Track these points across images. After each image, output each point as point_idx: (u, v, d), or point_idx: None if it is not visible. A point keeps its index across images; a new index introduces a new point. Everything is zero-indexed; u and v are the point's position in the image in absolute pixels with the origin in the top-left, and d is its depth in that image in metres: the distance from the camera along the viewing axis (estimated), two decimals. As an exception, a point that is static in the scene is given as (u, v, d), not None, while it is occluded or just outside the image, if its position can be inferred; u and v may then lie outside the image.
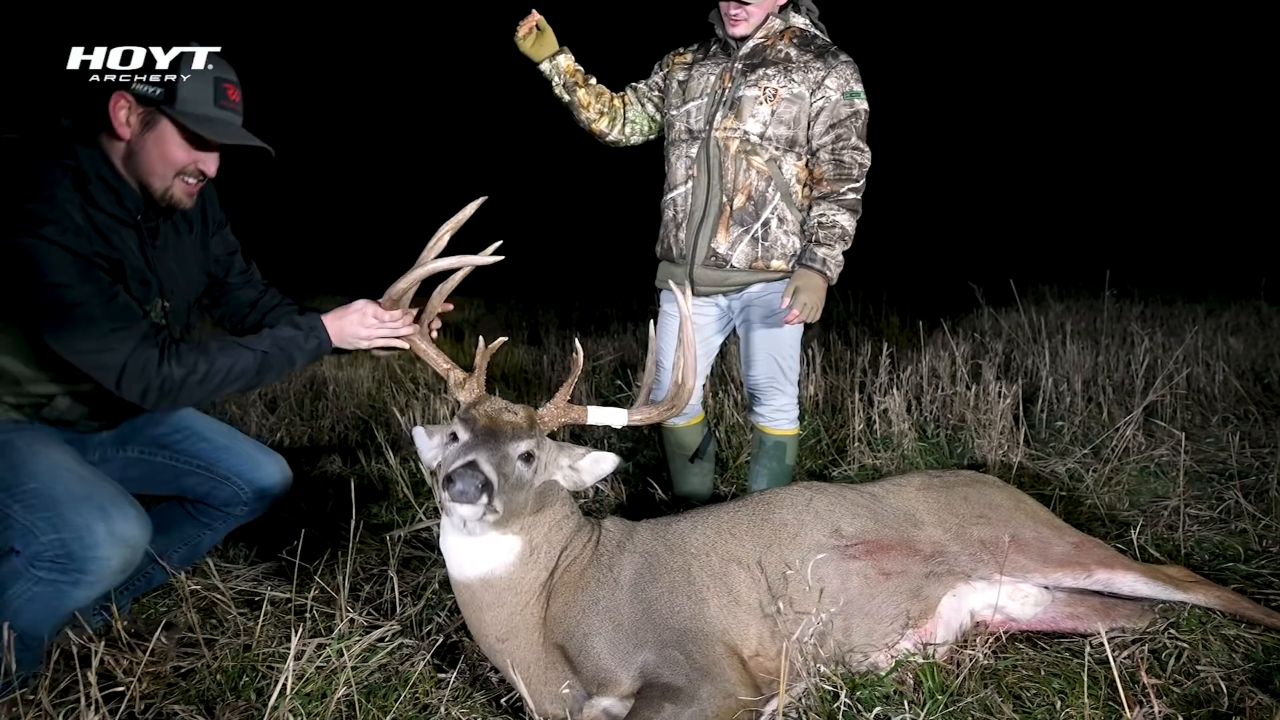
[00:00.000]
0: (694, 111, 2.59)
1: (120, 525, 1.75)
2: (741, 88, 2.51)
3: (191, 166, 1.86)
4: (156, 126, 1.81)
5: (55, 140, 1.80)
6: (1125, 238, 12.02)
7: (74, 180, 1.76)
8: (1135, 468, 3.10)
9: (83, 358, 1.72)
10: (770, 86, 2.49)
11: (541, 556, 1.70)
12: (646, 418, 1.84)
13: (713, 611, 1.74)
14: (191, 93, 1.80)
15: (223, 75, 1.86)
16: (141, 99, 1.79)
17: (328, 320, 1.97)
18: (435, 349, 1.91)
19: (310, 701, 1.66)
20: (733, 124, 2.51)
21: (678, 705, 1.55)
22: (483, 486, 1.50)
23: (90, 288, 1.69)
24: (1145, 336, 4.39)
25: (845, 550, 1.89)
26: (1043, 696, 1.72)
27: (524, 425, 1.66)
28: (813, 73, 2.49)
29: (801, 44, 2.54)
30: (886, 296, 7.28)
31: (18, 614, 1.73)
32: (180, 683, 1.83)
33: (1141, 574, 1.96)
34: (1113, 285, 5.18)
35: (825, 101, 2.50)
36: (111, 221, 1.81)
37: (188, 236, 2.08)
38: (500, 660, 1.71)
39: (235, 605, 2.10)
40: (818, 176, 2.53)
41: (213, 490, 2.16)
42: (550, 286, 10.18)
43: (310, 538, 2.26)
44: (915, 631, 1.84)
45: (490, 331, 7.14)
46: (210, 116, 1.83)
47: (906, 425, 3.44)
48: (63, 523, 1.71)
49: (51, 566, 1.71)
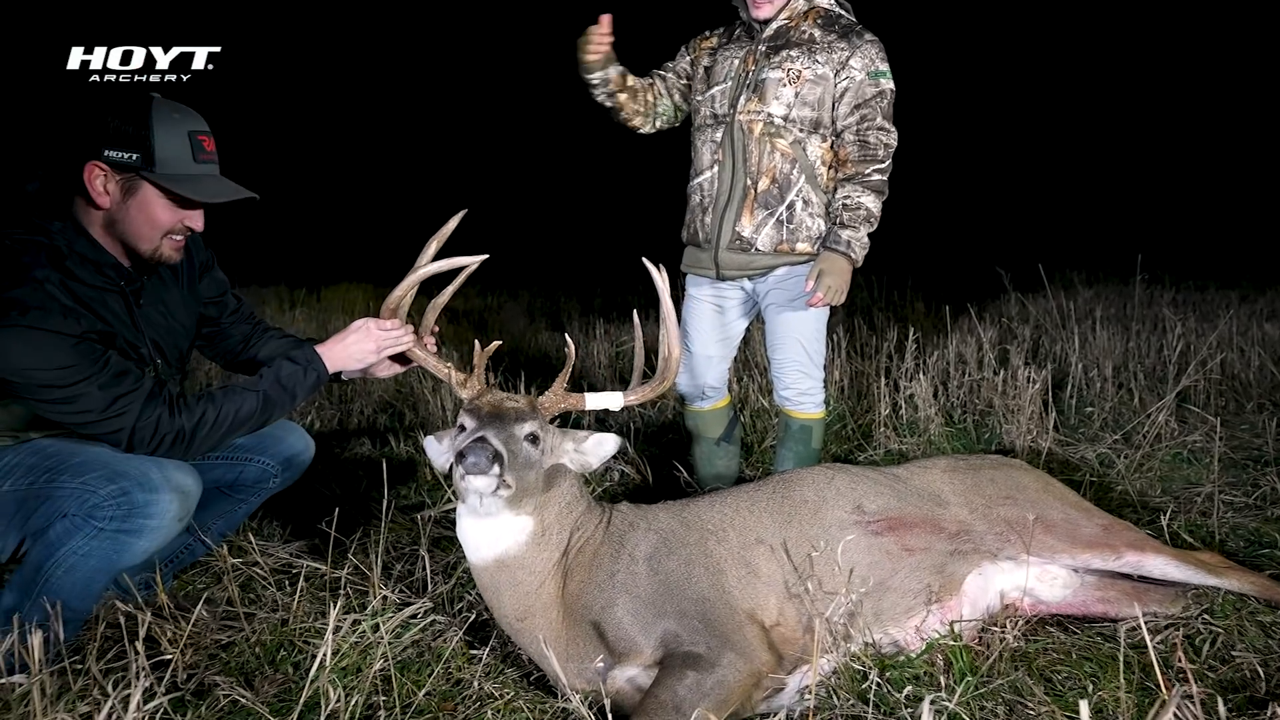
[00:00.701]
0: (718, 96, 2.58)
1: (173, 473, 1.80)
2: (765, 70, 2.49)
3: (179, 225, 1.85)
4: (138, 192, 1.79)
5: (24, 214, 1.78)
6: (1157, 225, 11.78)
7: (49, 258, 1.73)
8: (1167, 454, 3.06)
9: (89, 429, 1.76)
10: (794, 68, 2.47)
11: (553, 537, 1.75)
12: (641, 397, 1.89)
13: (731, 583, 1.77)
14: (168, 152, 1.76)
15: (195, 127, 1.82)
16: (118, 166, 1.75)
17: (324, 350, 2.00)
18: (433, 356, 1.96)
19: (346, 675, 1.70)
20: (756, 106, 2.49)
21: (700, 672, 1.58)
22: (493, 458, 1.57)
23: (85, 366, 1.70)
24: (1178, 322, 4.31)
25: (868, 526, 1.90)
26: (1074, 680, 1.71)
27: (525, 409, 1.73)
28: (837, 53, 2.46)
29: (826, 24, 2.51)
30: (911, 282, 7.21)
31: (72, 570, 1.76)
32: (220, 654, 1.87)
33: (1173, 557, 1.94)
34: (1144, 270, 5.09)
35: (850, 82, 2.47)
36: (94, 292, 1.80)
37: (174, 286, 2.07)
38: (523, 639, 1.76)
39: (273, 579, 2.15)
40: (843, 158, 2.51)
41: (241, 473, 2.22)
42: (572, 273, 10.19)
43: (343, 516, 2.30)
44: (940, 608, 1.85)
45: (513, 318, 7.14)
46: (192, 175, 1.80)
47: (933, 410, 3.42)
48: (119, 475, 1.75)
49: (114, 515, 1.74)
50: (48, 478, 1.78)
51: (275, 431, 2.25)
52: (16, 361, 1.65)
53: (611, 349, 4.98)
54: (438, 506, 2.75)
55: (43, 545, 1.78)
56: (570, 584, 1.75)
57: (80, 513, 1.75)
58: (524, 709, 1.65)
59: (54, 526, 1.77)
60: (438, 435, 1.86)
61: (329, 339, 2.04)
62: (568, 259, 11.07)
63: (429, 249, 1.92)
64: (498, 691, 1.72)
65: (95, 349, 1.73)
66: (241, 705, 1.64)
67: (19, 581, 1.79)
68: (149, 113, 1.76)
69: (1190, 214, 12.32)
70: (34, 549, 1.80)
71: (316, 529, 2.49)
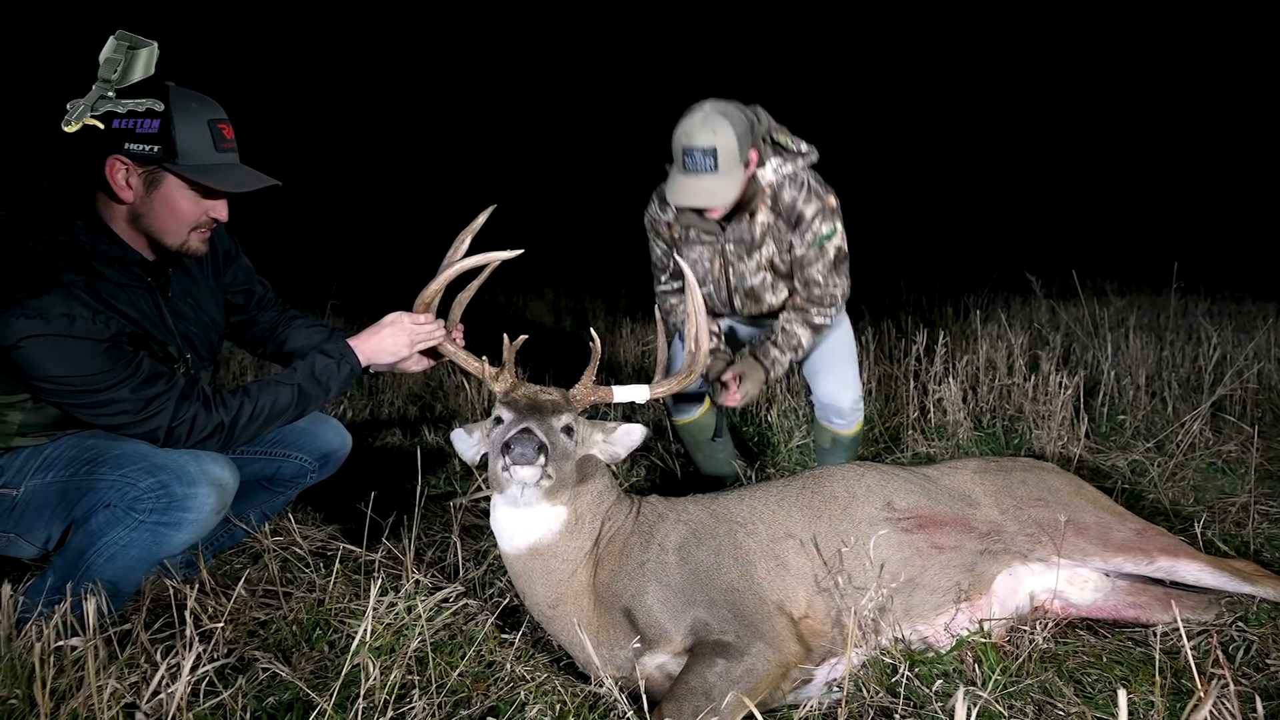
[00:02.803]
0: (709, 295, 2.72)
1: (210, 466, 1.84)
2: (747, 276, 2.63)
3: (204, 218, 1.84)
4: (162, 185, 1.76)
5: (44, 214, 1.75)
6: (1193, 235, 11.57)
7: (74, 259, 1.72)
8: (1201, 463, 3.02)
9: (126, 430, 1.77)
10: (768, 259, 2.61)
11: (585, 526, 1.79)
12: (669, 389, 1.92)
13: (760, 574, 1.79)
14: (190, 143, 1.73)
15: (214, 115, 1.79)
16: (139, 159, 1.72)
17: (357, 343, 2.00)
18: (465, 351, 1.98)
19: (380, 655, 1.74)
20: (754, 307, 2.71)
21: (729, 660, 1.60)
22: (539, 449, 1.60)
23: (118, 370, 1.70)
24: (1214, 332, 4.24)
25: (898, 523, 1.90)
26: (1105, 683, 1.71)
27: (561, 401, 1.77)
28: (789, 235, 2.56)
29: (775, 206, 2.55)
30: (940, 287, 7.16)
31: (112, 560, 1.80)
32: (259, 631, 1.92)
33: (1207, 564, 1.93)
34: (1179, 280, 5.01)
35: (802, 249, 2.56)
36: (121, 291, 1.79)
37: (200, 277, 2.07)
38: (554, 627, 1.79)
39: (311, 558, 2.20)
40: (796, 294, 2.64)
41: (279, 468, 2.25)
42: (598, 272, 10.23)
43: (378, 500, 2.35)
44: (969, 606, 1.85)
45: (539, 315, 7.17)
46: (214, 164, 1.78)
47: (962, 415, 3.40)
48: (158, 468, 1.78)
49: (154, 508, 1.77)
50: (87, 469, 1.81)
51: (312, 428, 2.28)
52: (48, 370, 1.65)
53: (638, 347, 5.01)
54: (468, 495, 2.79)
55: (84, 533, 1.82)
56: (601, 573, 1.78)
57: (121, 504, 1.78)
58: (558, 690, 1.68)
59: (95, 516, 1.81)
60: (467, 428, 1.88)
61: (361, 331, 2.03)
62: (593, 258, 11.10)
63: (460, 244, 1.94)
64: (529, 674, 1.75)
65: (126, 351, 1.72)
66: (280, 680, 1.69)
67: (61, 565, 1.84)
68: (167, 100, 1.72)
69: (1228, 225, 12.09)
70: (76, 535, 1.84)
71: (352, 513, 2.55)
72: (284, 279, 8.17)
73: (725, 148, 2.29)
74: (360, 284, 7.47)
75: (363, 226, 12.85)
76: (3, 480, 1.83)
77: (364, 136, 15.81)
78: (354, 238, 11.76)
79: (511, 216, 1.97)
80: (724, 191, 2.34)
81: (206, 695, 1.58)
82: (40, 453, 1.85)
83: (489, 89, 18.45)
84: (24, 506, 1.83)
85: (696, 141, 2.29)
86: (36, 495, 1.83)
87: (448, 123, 17.74)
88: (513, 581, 1.85)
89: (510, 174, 15.61)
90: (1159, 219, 12.97)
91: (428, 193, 14.38)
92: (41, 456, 1.85)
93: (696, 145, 2.29)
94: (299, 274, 7.93)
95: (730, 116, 2.33)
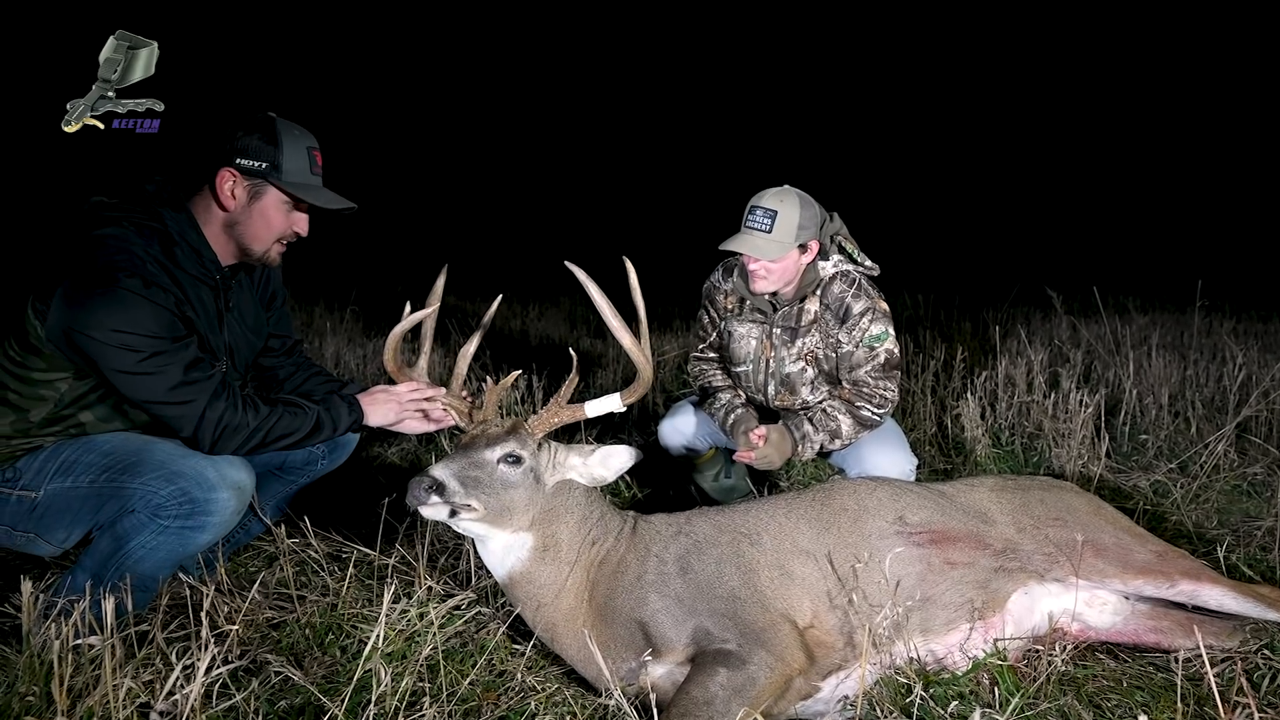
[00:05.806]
0: (746, 375, 2.74)
1: (227, 470, 1.92)
2: (786, 363, 2.65)
3: (289, 231, 2.04)
4: (262, 198, 1.97)
5: (142, 204, 1.94)
6: (1218, 254, 11.42)
7: (160, 241, 1.90)
8: (1226, 485, 2.96)
9: (152, 409, 1.86)
10: (810, 350, 2.63)
11: (562, 551, 1.79)
12: (635, 394, 1.89)
13: (764, 583, 1.77)
14: (293, 164, 1.96)
15: (311, 144, 2.01)
16: (248, 173, 1.94)
17: (362, 399, 2.14)
18: (455, 413, 1.96)
19: (392, 661, 1.75)
20: (788, 399, 2.70)
21: (731, 670, 1.59)
22: (429, 488, 1.64)
23: (166, 341, 1.82)
24: (1240, 351, 4.18)
25: (909, 537, 1.88)
26: (1125, 708, 1.67)
27: (503, 432, 1.77)
28: (838, 332, 2.59)
29: (824, 298, 2.58)
30: (959, 301, 7.11)
31: (140, 562, 1.88)
32: (272, 633, 1.93)
33: (1231, 589, 1.88)
34: (1203, 298, 4.94)
35: (850, 347, 2.58)
36: (191, 279, 1.95)
37: (253, 299, 2.25)
38: (555, 646, 1.80)
39: (326, 561, 2.22)
40: (845, 389, 2.62)
41: (289, 456, 2.33)
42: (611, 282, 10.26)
43: (392, 504, 2.36)
44: (982, 624, 1.82)
45: (554, 324, 7.18)
46: (311, 184, 2.00)
47: (980, 431, 3.37)
48: (177, 475, 1.86)
49: (177, 514, 1.86)
50: (108, 477, 1.89)
51: None
52: (107, 319, 1.75)
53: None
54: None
55: (111, 537, 1.90)
56: (597, 595, 1.78)
57: (145, 511, 1.87)
58: (568, 702, 1.67)
59: (121, 521, 1.89)
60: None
61: (365, 391, 2.18)
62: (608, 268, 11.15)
63: (410, 317, 1.98)
64: (540, 685, 1.75)
65: (179, 329, 1.85)
66: (292, 684, 1.69)
67: (90, 565, 1.91)
68: (275, 127, 1.95)
69: (1254, 243, 11.91)
70: (103, 539, 1.92)
71: (367, 516, 2.56)
72: (305, 283, 8.23)
73: (785, 217, 2.43)
74: (379, 289, 7.54)
75: (381, 233, 12.96)
76: (22, 483, 1.91)
77: (382, 147, 15.98)
78: (372, 244, 11.86)
79: (526, 229, 1.97)
80: (769, 250, 2.43)
81: (219, 698, 1.59)
82: (58, 455, 1.92)
83: (508, 100, 18.61)
84: (44, 509, 1.90)
85: (762, 202, 2.47)
86: (57, 499, 1.90)
87: (466, 133, 17.91)
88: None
89: (526, 184, 15.71)
90: (1183, 236, 12.82)
91: (446, 201, 14.50)
92: (59, 460, 1.91)
93: (760, 205, 2.46)
94: (320, 277, 8.02)
95: (802, 199, 2.49)
